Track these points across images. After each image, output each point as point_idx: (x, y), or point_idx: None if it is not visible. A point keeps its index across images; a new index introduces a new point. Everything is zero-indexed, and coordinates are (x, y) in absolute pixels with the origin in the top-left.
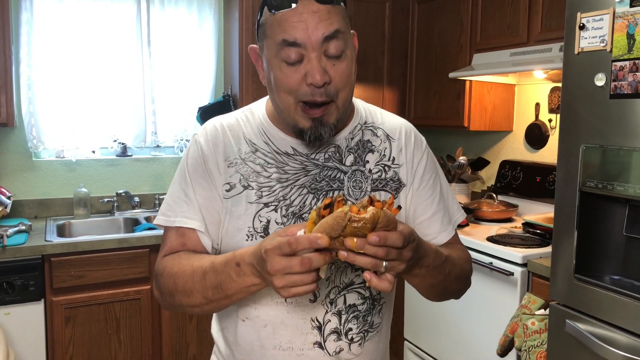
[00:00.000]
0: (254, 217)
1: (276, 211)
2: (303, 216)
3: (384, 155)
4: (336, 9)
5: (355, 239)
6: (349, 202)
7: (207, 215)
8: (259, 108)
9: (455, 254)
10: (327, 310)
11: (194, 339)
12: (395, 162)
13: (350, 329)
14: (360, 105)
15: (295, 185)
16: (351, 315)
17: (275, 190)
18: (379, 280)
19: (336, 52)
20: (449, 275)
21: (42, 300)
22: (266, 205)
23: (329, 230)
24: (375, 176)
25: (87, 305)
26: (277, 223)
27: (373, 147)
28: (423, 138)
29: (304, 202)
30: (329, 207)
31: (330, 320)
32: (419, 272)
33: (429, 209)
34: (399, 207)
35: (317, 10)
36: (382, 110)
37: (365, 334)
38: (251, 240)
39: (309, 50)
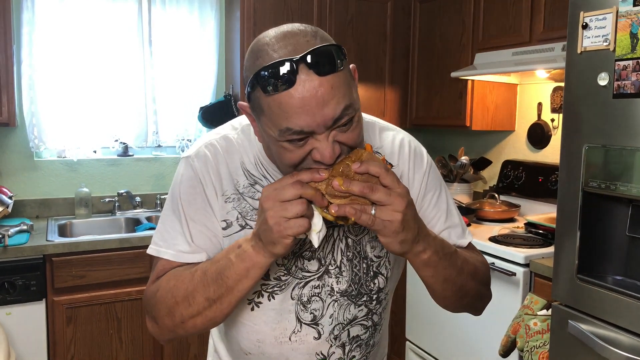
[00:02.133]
0: None
1: None
2: (303, 254)
3: None
4: (338, 76)
5: (342, 179)
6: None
7: (207, 245)
8: (254, 134)
9: (467, 254)
10: (331, 344)
11: (195, 339)
12: None
13: (354, 356)
14: None
15: None
16: (355, 345)
17: None
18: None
19: (346, 122)
20: (462, 270)
21: (44, 300)
22: None
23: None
24: None
25: (89, 305)
26: (277, 264)
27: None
28: (424, 153)
29: (304, 240)
30: None
31: (334, 352)
32: (429, 259)
33: (434, 230)
34: (391, 165)
35: (318, 86)
36: (380, 124)
37: (368, 355)
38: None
39: (317, 132)
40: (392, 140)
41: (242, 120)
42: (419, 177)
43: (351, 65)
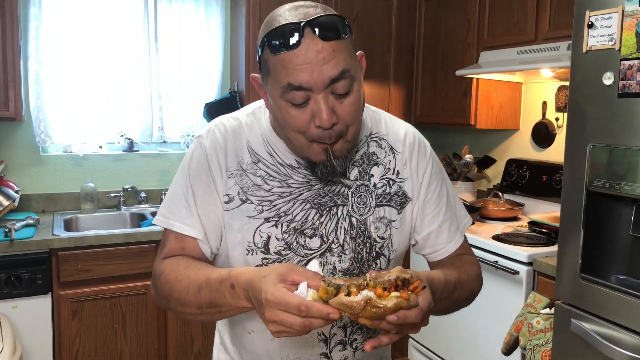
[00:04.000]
0: (255, 232)
1: (277, 227)
2: (305, 231)
3: (389, 168)
4: (341, 43)
5: (370, 321)
6: (369, 277)
7: (207, 222)
8: (264, 115)
9: (464, 275)
10: (332, 324)
11: (199, 334)
12: (399, 176)
13: (355, 339)
14: (366, 113)
15: (298, 200)
16: (356, 327)
17: (276, 205)
18: (379, 340)
19: (343, 91)
20: (456, 301)
21: (49, 293)
22: (267, 220)
23: (345, 309)
24: (379, 191)
25: (94, 299)
26: (277, 239)
27: (378, 159)
28: (427, 144)
29: (307, 218)
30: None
31: (336, 334)
32: None
33: (436, 220)
34: (424, 287)
35: (321, 49)
36: (386, 115)
37: (369, 339)
38: (252, 255)
39: (315, 92)
40: (397, 129)
41: (254, 105)
42: (423, 166)
43: (359, 52)
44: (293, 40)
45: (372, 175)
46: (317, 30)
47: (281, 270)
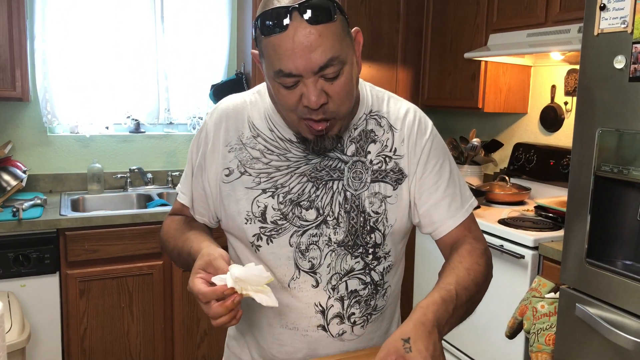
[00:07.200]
0: (252, 202)
1: (273, 197)
2: (301, 203)
3: (386, 146)
4: (330, 27)
5: None
6: None
7: (195, 193)
8: (267, 91)
9: (472, 282)
10: (329, 296)
11: (205, 314)
12: (396, 153)
13: (353, 314)
14: (368, 91)
15: (295, 173)
16: (353, 301)
17: (273, 177)
18: None
19: (332, 75)
20: (472, 305)
21: (57, 272)
22: (264, 191)
23: None
24: (375, 167)
25: (101, 279)
26: (273, 209)
27: (376, 137)
28: (429, 124)
29: (303, 190)
30: None
31: (333, 306)
32: None
33: (434, 195)
34: None
35: (308, 34)
36: (390, 95)
37: (369, 316)
38: (250, 223)
39: (305, 77)
40: (399, 108)
41: (262, 84)
42: (421, 143)
43: (355, 28)
44: (281, 24)
45: (369, 152)
46: (305, 14)
47: (207, 259)
